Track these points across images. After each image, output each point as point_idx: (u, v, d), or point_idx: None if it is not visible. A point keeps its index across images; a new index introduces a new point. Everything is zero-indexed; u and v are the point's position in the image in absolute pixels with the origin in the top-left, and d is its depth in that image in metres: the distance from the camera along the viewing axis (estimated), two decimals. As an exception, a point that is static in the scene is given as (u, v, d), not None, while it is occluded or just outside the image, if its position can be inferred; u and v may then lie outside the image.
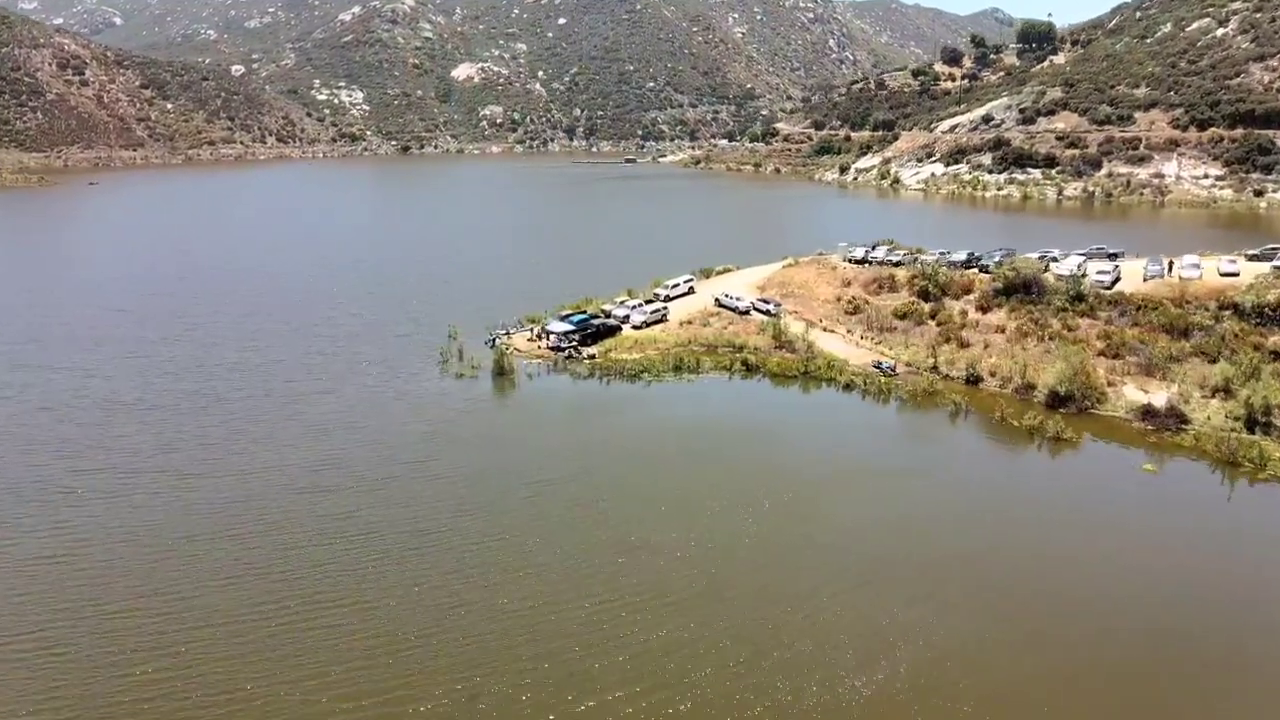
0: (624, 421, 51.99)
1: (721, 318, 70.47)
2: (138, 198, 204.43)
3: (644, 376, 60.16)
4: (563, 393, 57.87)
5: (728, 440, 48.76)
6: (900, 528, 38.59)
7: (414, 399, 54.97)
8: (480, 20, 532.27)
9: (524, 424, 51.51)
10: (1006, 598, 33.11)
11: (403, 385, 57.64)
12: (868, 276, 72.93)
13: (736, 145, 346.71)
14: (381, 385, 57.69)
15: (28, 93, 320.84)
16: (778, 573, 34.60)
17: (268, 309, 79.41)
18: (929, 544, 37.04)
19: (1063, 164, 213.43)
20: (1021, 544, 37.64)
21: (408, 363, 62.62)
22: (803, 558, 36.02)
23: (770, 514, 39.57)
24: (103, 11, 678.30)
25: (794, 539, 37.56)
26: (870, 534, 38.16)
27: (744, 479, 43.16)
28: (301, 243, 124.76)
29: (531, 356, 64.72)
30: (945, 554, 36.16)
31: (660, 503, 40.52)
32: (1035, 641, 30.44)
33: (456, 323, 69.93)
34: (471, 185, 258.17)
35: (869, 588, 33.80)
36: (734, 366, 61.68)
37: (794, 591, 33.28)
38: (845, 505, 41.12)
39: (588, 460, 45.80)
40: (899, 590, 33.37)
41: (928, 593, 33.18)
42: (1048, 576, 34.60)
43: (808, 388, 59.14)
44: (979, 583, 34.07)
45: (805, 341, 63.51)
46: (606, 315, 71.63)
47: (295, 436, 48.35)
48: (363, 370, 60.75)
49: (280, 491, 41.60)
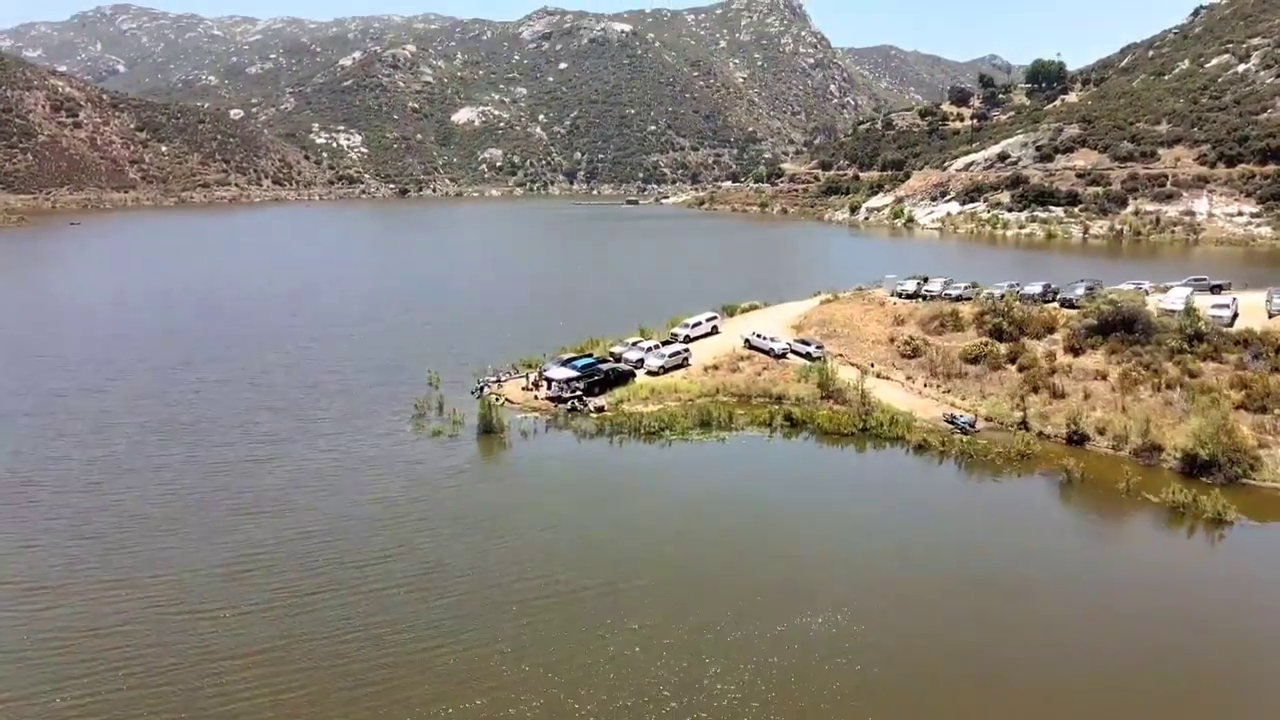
0: (644, 502, 40.17)
1: (754, 362, 59.16)
2: (115, 238, 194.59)
3: (665, 435, 48.63)
4: (564, 456, 46.21)
5: (779, 529, 37.00)
6: (1055, 695, 26.38)
7: (376, 468, 43.33)
8: (481, 66, 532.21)
9: (514, 504, 39.57)
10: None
11: (365, 449, 46.00)
12: (926, 313, 61.75)
13: (741, 186, 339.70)
14: (338, 449, 46.09)
15: (18, 134, 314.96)
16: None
17: (218, 355, 67.90)
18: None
19: (1086, 201, 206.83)
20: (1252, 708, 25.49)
21: (376, 419, 51.07)
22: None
23: (860, 674, 27.46)
24: (106, 60, 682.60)
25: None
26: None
27: (808, 598, 31.12)
28: (271, 281, 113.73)
29: (527, 409, 53.22)
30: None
31: (698, 653, 28.46)
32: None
33: (438, 369, 58.58)
34: (468, 225, 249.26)
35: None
36: (775, 421, 50.10)
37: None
38: (961, 649, 28.59)
39: (598, 564, 33.88)
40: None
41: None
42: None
43: (867, 448, 47.53)
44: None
45: (859, 390, 51.99)
46: (616, 359, 60.42)
47: (209, 525, 36.48)
48: (317, 430, 49.20)
49: (166, 617, 29.34)
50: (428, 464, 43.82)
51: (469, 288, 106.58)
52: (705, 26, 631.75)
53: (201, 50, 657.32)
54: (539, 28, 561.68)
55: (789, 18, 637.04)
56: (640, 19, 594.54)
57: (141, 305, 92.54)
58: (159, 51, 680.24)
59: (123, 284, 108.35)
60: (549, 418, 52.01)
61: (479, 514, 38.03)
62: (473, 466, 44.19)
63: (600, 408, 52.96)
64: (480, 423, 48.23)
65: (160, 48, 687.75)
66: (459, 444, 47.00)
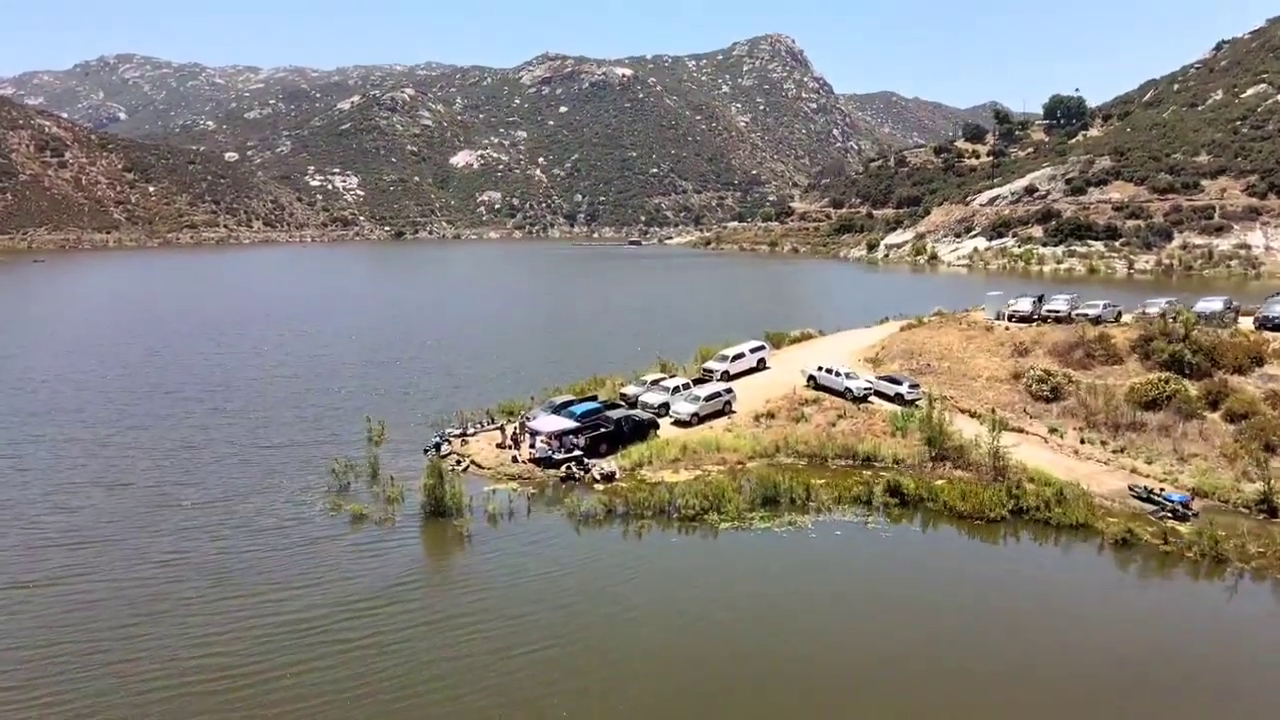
0: (685, 650, 22.58)
1: (823, 407, 42.39)
2: (75, 277, 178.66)
3: (710, 519, 31.42)
4: (554, 563, 28.99)
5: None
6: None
7: (241, 588, 26.14)
8: (480, 109, 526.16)
9: (464, 680, 21.92)
10: None
11: (233, 557, 28.80)
12: (1060, 340, 45.08)
13: (749, 225, 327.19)
14: (188, 550, 28.97)
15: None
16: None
17: (80, 413, 50.42)
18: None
19: (1126, 235, 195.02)
20: None
21: (271, 495, 33.86)
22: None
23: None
24: (108, 107, 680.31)
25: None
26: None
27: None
28: (211, 320, 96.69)
29: (501, 477, 36.29)
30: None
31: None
32: None
33: (385, 416, 41.51)
34: (461, 264, 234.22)
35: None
36: (876, 497, 32.88)
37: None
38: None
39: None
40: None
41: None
42: None
43: (1021, 537, 30.33)
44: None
45: (990, 449, 34.88)
46: (631, 403, 43.60)
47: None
48: (157, 522, 31.72)
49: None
50: (325, 585, 26.47)
51: (454, 324, 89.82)
52: (707, 72, 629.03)
53: (203, 98, 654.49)
54: (539, 72, 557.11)
55: (791, 64, 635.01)
56: (641, 64, 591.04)
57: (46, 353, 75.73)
58: (160, 99, 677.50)
59: (45, 323, 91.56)
60: (533, 490, 34.86)
61: (395, 709, 20.37)
62: (404, 587, 26.68)
63: (609, 475, 35.98)
64: (425, 500, 31.02)
65: (162, 95, 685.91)
66: (390, 537, 30.02)
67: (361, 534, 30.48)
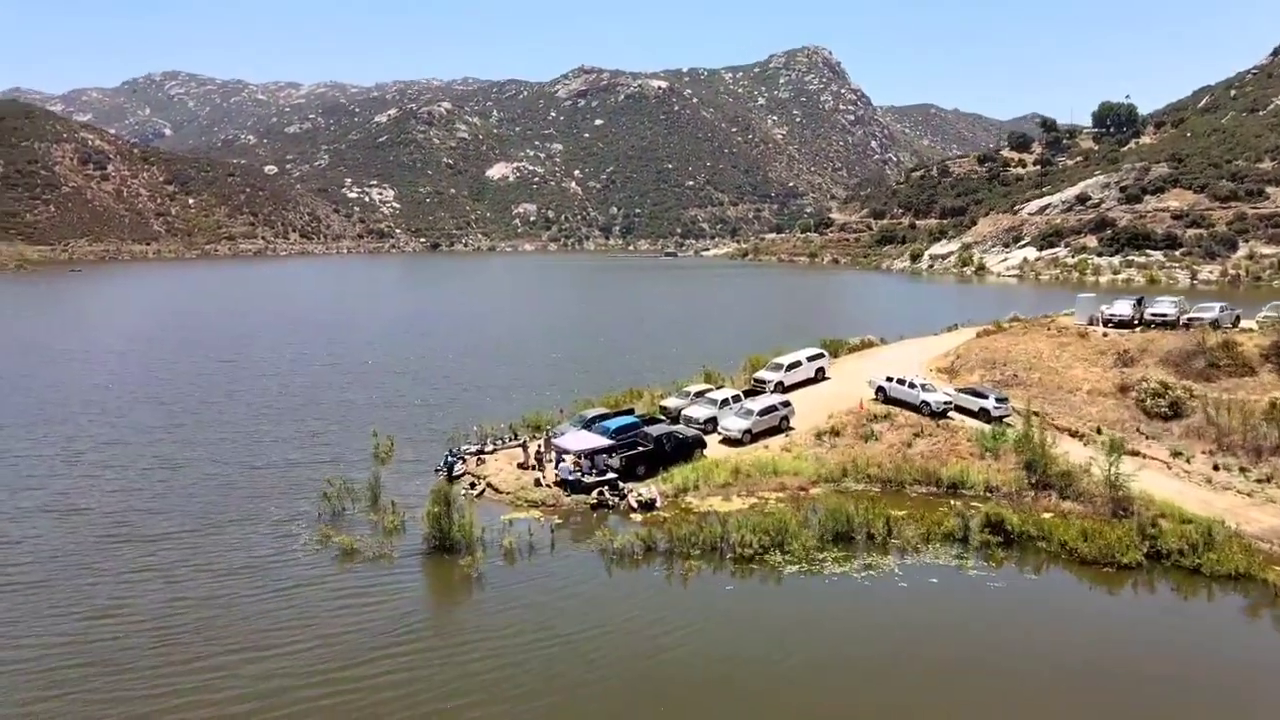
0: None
1: (895, 424, 36.63)
2: (105, 286, 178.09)
3: (772, 559, 25.73)
4: (581, 620, 23.54)
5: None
6: None
7: (189, 650, 21.22)
8: (516, 123, 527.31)
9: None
10: None
11: (187, 608, 23.81)
12: (1174, 346, 38.80)
13: (787, 236, 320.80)
14: (134, 599, 24.14)
15: (43, 186, 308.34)
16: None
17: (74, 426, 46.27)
18: None
19: (1187, 244, 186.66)
20: None
21: (253, 524, 29.00)
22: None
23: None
24: (153, 123, 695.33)
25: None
26: None
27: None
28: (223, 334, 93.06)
29: (521, 503, 31.03)
30: None
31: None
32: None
33: (396, 430, 36.57)
34: (495, 275, 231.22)
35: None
36: (973, 534, 26.95)
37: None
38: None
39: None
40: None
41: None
42: None
43: (1157, 587, 24.20)
44: None
45: (1108, 477, 28.80)
46: (673, 417, 38.12)
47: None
48: (120, 556, 26.92)
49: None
50: (294, 647, 21.26)
51: (482, 329, 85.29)
52: (743, 84, 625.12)
53: (245, 113, 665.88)
54: (575, 85, 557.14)
55: (828, 75, 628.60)
56: (677, 77, 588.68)
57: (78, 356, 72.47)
58: (205, 115, 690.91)
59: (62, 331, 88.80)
60: (558, 520, 29.47)
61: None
62: (391, 647, 21.36)
63: (648, 502, 30.53)
64: (427, 532, 25.79)
65: (206, 111, 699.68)
66: (383, 579, 24.89)
67: (350, 574, 25.33)
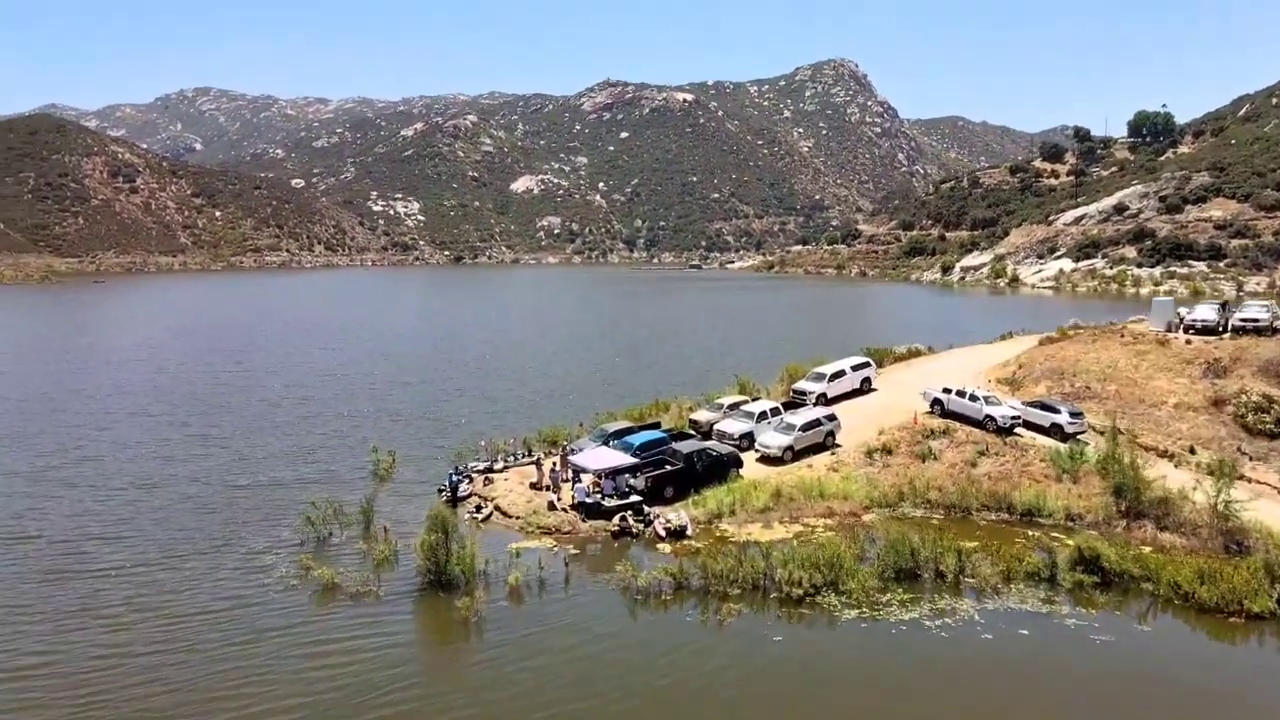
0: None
1: (955, 440, 32.56)
2: (125, 298, 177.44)
3: (824, 602, 21.61)
4: (599, 680, 19.28)
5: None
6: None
7: (125, 708, 17.27)
8: (541, 136, 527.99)
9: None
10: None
11: (124, 664, 19.81)
12: (1272, 355, 34.34)
13: (814, 249, 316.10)
14: (64, 652, 20.62)
15: (72, 198, 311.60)
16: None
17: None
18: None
19: (1232, 255, 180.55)
20: None
21: (226, 553, 25.26)
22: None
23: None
24: (185, 138, 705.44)
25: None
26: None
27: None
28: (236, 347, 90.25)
29: (532, 529, 27.21)
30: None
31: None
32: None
33: (398, 445, 32.94)
34: (519, 287, 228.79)
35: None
36: (1062, 572, 22.69)
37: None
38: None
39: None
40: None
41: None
42: None
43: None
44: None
45: (1215, 505, 24.39)
46: (704, 432, 34.12)
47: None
48: (63, 594, 23.36)
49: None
50: (256, 710, 17.30)
51: (501, 340, 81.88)
52: (769, 97, 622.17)
53: (274, 128, 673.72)
54: (600, 99, 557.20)
55: (854, 88, 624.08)
56: (703, 89, 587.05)
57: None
58: (235, 130, 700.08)
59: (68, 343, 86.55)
60: (573, 550, 25.53)
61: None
62: (374, 703, 17.50)
63: (678, 530, 26.53)
64: (423, 565, 21.96)
65: (236, 126, 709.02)
66: (365, 623, 21.04)
67: (329, 616, 21.52)
